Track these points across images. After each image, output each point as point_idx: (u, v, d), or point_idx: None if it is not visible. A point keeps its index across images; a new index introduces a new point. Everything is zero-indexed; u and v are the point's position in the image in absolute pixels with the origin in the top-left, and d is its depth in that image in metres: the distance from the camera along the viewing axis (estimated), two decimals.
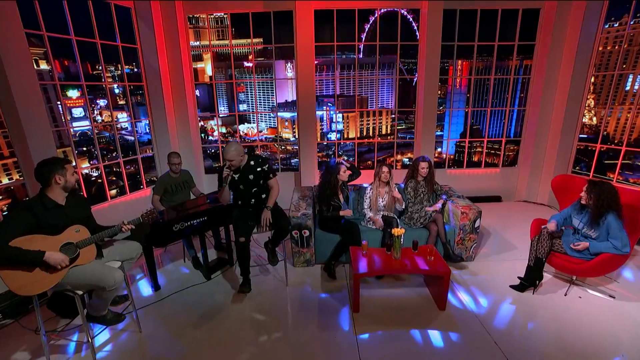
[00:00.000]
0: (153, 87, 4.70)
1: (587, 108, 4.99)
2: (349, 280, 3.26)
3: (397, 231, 2.86)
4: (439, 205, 3.67)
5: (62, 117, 4.38)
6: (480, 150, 6.40)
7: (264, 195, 3.00)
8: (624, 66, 4.71)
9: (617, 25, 5.40)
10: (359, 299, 2.79)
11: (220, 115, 5.51)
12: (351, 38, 5.15)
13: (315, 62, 5.04)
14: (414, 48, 5.21)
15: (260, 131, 5.81)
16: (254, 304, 2.97)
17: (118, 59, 4.28)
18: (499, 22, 4.95)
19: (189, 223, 3.08)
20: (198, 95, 5.27)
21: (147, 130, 4.87)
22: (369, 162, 6.69)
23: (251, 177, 2.90)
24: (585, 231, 2.81)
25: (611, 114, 5.06)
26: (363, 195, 3.84)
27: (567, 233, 3.02)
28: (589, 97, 4.98)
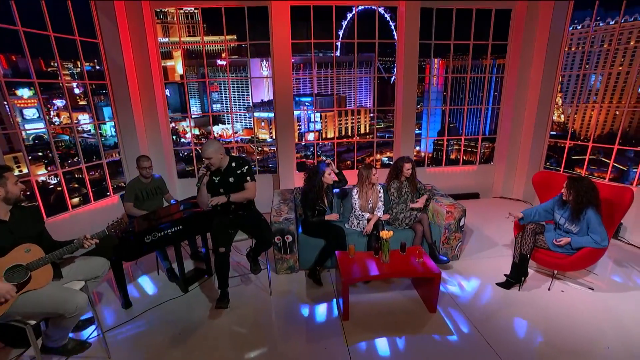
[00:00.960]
0: (118, 86, 4.34)
1: (555, 106, 5.19)
2: (336, 286, 3.14)
3: (385, 234, 2.77)
4: (422, 201, 3.63)
5: (11, 119, 3.93)
6: (457, 148, 6.51)
7: (245, 201, 2.81)
8: (587, 66, 4.95)
9: (579, 27, 5.64)
10: (348, 307, 2.68)
11: (193, 116, 5.20)
12: (328, 36, 5.04)
13: (292, 60, 4.89)
14: (390, 46, 5.19)
15: (236, 132, 5.55)
16: (236, 317, 2.78)
17: (77, 55, 3.89)
18: (473, 22, 5.03)
19: (162, 233, 2.83)
20: (168, 95, 4.95)
21: (114, 133, 4.50)
22: (348, 162, 6.64)
23: (232, 179, 2.70)
24: (567, 226, 2.87)
25: (577, 111, 5.29)
26: (349, 198, 3.74)
27: (549, 229, 3.07)
28: (557, 95, 5.17)
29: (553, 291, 3.02)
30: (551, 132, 5.29)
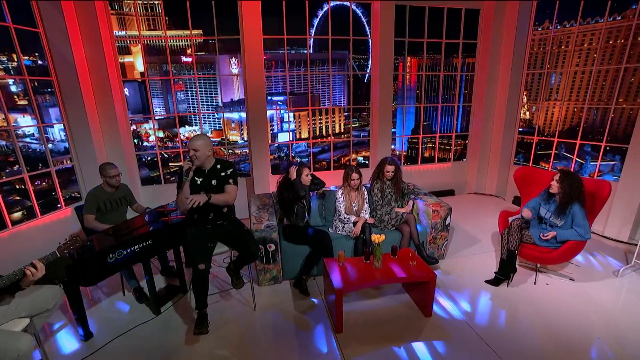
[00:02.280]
0: (67, 83, 3.82)
1: (522, 103, 5.40)
2: (325, 295, 2.95)
3: (377, 238, 2.64)
4: (409, 206, 3.57)
5: None
6: (431, 146, 6.60)
7: (225, 209, 2.53)
8: (548, 66, 5.21)
9: (540, 29, 5.94)
10: (342, 318, 2.50)
11: (157, 117, 4.75)
12: (299, 33, 4.85)
13: (264, 57, 4.63)
14: (363, 44, 5.11)
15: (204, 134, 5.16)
16: (218, 337, 2.49)
17: (12, 46, 3.34)
18: (445, 21, 5.08)
19: (129, 250, 2.47)
20: (127, 94, 4.48)
21: (64, 137, 3.96)
22: (324, 163, 6.48)
23: (214, 182, 2.41)
24: (553, 220, 2.91)
25: (540, 108, 5.55)
26: (332, 201, 3.58)
27: (533, 224, 3.11)
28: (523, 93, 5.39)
29: (539, 285, 3.06)
30: (519, 129, 5.51)
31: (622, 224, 4.09)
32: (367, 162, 6.42)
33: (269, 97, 4.81)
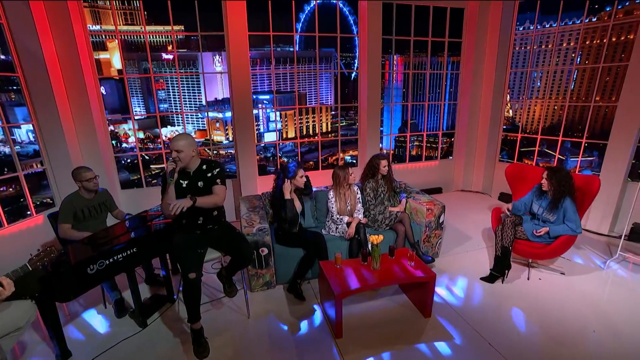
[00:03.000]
0: (36, 80, 3.53)
1: (506, 102, 5.51)
2: (321, 299, 2.86)
3: (375, 238, 2.57)
4: (403, 204, 3.53)
5: None
6: (417, 144, 6.63)
7: (215, 213, 2.38)
8: (529, 64, 5.35)
9: (521, 29, 6.09)
10: (342, 323, 2.41)
11: (136, 117, 4.48)
12: (285, 29, 4.72)
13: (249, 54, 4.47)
14: (349, 42, 5.05)
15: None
16: (212, 349, 2.34)
17: None
18: (431, 19, 5.10)
19: (111, 260, 2.28)
20: (104, 93, 4.21)
21: (33, 139, 3.66)
22: (311, 163, 6.39)
23: (201, 184, 2.26)
24: (545, 215, 2.94)
25: (523, 106, 5.69)
26: (324, 201, 3.49)
27: (525, 219, 3.14)
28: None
29: (532, 280, 3.09)
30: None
31: (603, 217, 4.23)
32: (354, 161, 6.38)
33: (255, 96, 4.66)
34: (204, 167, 2.28)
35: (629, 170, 4.15)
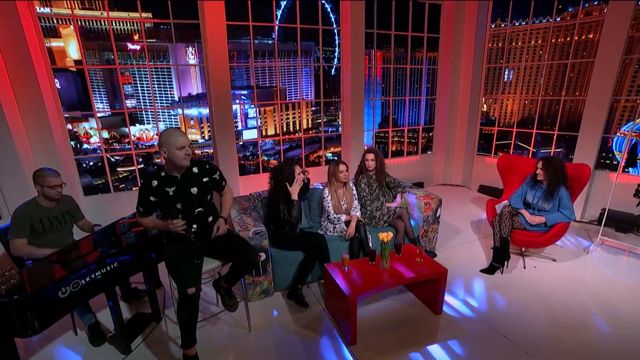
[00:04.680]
0: None
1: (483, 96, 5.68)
2: (325, 304, 2.68)
3: (384, 236, 2.44)
4: (398, 199, 3.46)
5: None
6: (396, 139, 6.66)
7: (210, 218, 2.10)
8: (501, 61, 5.56)
9: (493, 26, 6.32)
10: (356, 329, 2.25)
11: (100, 115, 3.95)
12: (264, 20, 4.47)
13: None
14: (329, 35, 4.91)
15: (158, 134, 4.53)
16: None
17: None
18: (410, 14, 5.10)
19: (87, 279, 1.93)
20: (58, 87, 3.68)
21: None
22: None
23: (194, 190, 1.97)
24: (541, 204, 3.00)
25: (497, 101, 5.91)
26: (317, 200, 3.32)
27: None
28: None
29: (528, 269, 3.15)
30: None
31: (576, 205, 4.47)
32: (335, 158, 6.25)
33: (232, 91, 4.35)
34: (195, 169, 1.98)
35: (597, 160, 4.44)
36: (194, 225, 2.02)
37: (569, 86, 5.52)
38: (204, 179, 2.00)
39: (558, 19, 5.33)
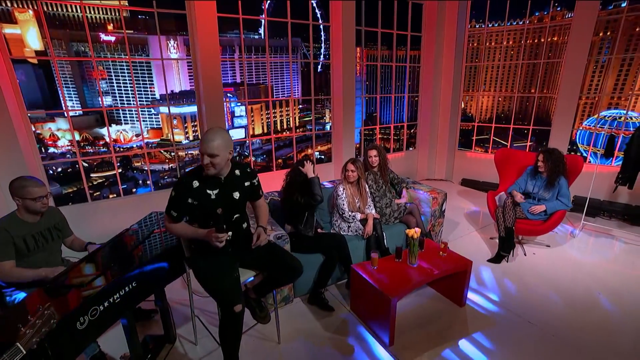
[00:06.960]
0: None
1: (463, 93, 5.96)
2: (352, 307, 2.61)
3: (412, 232, 2.42)
4: (405, 195, 3.48)
5: None
6: (380, 136, 6.75)
7: (245, 225, 1.92)
8: (477, 60, 5.88)
9: (469, 27, 6.65)
10: (394, 330, 2.21)
11: (72, 114, 3.43)
12: (252, 13, 4.25)
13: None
14: (316, 31, 4.82)
15: (138, 135, 4.16)
16: None
17: None
18: (395, 12, 5.16)
19: (105, 304, 1.66)
20: (19, 82, 3.17)
21: None
22: (279, 161, 6.01)
23: (236, 195, 1.78)
24: (542, 194, 3.19)
25: (474, 98, 6.23)
26: (326, 198, 3.22)
27: None
28: None
29: (529, 256, 3.34)
30: None
31: None
32: (322, 157, 6.19)
33: None
34: (237, 172, 1.80)
35: (565, 152, 4.85)
36: (229, 233, 1.83)
37: (536, 84, 5.98)
38: (246, 183, 1.82)
39: (527, 22, 5.73)
